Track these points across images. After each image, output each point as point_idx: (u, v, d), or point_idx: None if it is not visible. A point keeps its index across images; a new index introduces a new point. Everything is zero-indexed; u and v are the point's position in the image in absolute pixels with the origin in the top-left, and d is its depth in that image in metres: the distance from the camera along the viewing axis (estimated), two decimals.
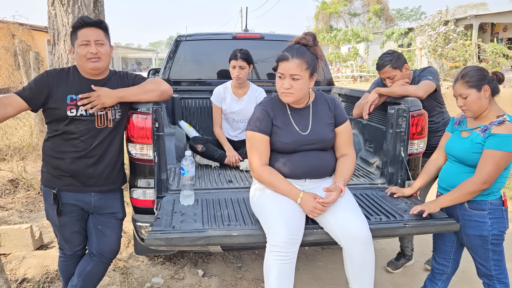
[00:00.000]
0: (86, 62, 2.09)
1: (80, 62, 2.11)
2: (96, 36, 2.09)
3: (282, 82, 2.05)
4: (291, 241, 1.90)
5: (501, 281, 2.12)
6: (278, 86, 2.08)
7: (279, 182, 2.10)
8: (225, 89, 3.47)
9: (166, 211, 2.22)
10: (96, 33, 2.10)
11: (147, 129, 2.28)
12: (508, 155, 1.95)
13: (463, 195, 2.05)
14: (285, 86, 2.04)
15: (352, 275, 2.01)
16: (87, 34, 2.08)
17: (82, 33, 2.09)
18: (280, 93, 2.09)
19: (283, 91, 2.06)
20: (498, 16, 21.01)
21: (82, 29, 2.09)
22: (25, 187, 4.70)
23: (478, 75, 2.03)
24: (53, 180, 2.15)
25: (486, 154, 1.97)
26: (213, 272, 3.06)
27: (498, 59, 17.91)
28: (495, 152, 1.94)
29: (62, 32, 3.73)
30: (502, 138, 1.93)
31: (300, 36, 2.10)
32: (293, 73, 2.01)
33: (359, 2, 37.27)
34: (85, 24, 2.09)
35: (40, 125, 6.14)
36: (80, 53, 2.08)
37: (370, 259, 1.99)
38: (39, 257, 3.15)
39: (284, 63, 2.03)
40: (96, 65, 2.10)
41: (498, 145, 1.94)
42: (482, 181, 1.97)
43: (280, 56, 2.05)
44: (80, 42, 2.08)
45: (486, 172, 1.96)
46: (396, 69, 2.78)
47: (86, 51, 2.07)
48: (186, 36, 4.07)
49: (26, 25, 11.63)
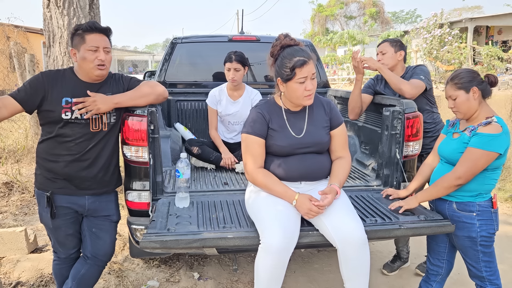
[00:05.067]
0: (94, 68, 2.08)
1: (86, 67, 2.09)
2: (105, 43, 2.10)
3: (305, 85, 2.03)
4: (285, 244, 1.90)
5: (493, 283, 2.12)
6: (299, 91, 2.03)
7: (274, 184, 2.09)
8: (220, 92, 3.47)
9: (161, 214, 2.22)
10: (104, 40, 2.11)
11: (142, 131, 2.27)
12: (488, 155, 1.95)
13: (438, 189, 2.09)
14: (309, 88, 2.03)
15: (347, 276, 2.02)
16: (96, 40, 2.07)
17: (91, 38, 2.07)
18: (303, 97, 2.05)
19: (307, 94, 2.05)
20: (493, 19, 21.16)
21: (92, 34, 2.08)
22: (20, 190, 4.68)
23: (467, 77, 2.05)
24: (47, 182, 2.14)
25: (467, 151, 2.00)
26: (209, 275, 3.05)
27: (493, 62, 18.02)
28: (475, 150, 1.96)
29: (57, 34, 3.72)
30: (485, 137, 1.95)
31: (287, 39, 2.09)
32: (312, 73, 2.04)
33: (355, 5, 37.46)
34: (95, 30, 2.08)
35: (35, 127, 6.11)
36: (88, 58, 2.06)
37: (365, 261, 1.99)
38: (33, 261, 3.14)
39: (305, 67, 2.00)
40: (102, 72, 2.12)
41: (480, 144, 1.95)
42: (457, 176, 2.00)
43: (299, 61, 1.99)
44: (89, 47, 2.06)
45: (462, 168, 1.99)
46: (391, 47, 2.90)
47: (94, 57, 2.07)
48: (182, 38, 4.07)
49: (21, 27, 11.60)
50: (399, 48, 2.90)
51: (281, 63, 2.05)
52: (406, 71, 2.92)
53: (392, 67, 2.89)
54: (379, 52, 2.95)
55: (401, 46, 2.92)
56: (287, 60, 2.03)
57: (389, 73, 2.78)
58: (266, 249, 1.90)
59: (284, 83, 2.07)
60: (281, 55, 2.07)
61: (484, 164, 1.98)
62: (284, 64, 2.03)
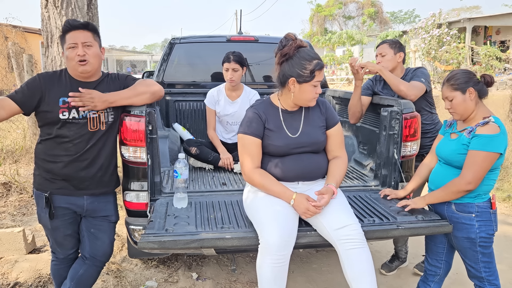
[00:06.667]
0: (76, 65, 2.08)
1: (70, 65, 2.11)
2: (84, 38, 2.08)
3: (316, 89, 2.08)
4: (284, 244, 1.90)
5: (492, 283, 2.13)
6: (311, 94, 2.08)
7: (271, 184, 2.10)
8: (218, 92, 3.47)
9: (160, 214, 2.22)
10: (83, 35, 2.09)
11: (140, 131, 2.27)
12: (491, 155, 1.96)
13: (448, 194, 2.08)
14: (319, 91, 2.10)
15: (352, 277, 1.95)
16: (74, 36, 2.07)
17: (69, 36, 2.08)
18: (312, 98, 2.11)
19: (316, 96, 2.11)
20: (491, 19, 21.21)
21: (70, 32, 2.08)
22: (18, 190, 4.67)
23: (463, 78, 2.06)
24: (45, 183, 2.14)
25: (471, 155, 1.99)
26: (207, 275, 3.05)
27: (491, 62, 18.07)
28: (478, 152, 1.96)
29: (55, 35, 3.72)
30: (485, 138, 1.95)
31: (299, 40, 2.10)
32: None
33: (353, 5, 37.50)
34: (72, 27, 2.08)
35: (33, 127, 6.10)
36: (68, 56, 2.07)
37: (368, 260, 1.95)
38: (31, 261, 3.13)
39: (322, 71, 2.07)
40: (84, 68, 2.09)
41: (482, 145, 1.95)
42: (467, 182, 1.99)
43: (319, 64, 2.03)
44: (68, 45, 2.07)
45: (471, 173, 1.98)
46: (391, 49, 2.89)
47: (74, 53, 2.06)
48: (180, 38, 4.06)
49: (19, 28, 11.57)
50: (398, 50, 2.89)
51: (298, 64, 2.03)
52: (406, 73, 2.91)
53: (391, 70, 2.88)
54: (378, 54, 2.93)
55: (400, 47, 2.91)
56: (307, 62, 2.02)
57: (389, 75, 2.77)
58: (265, 249, 1.91)
59: (298, 84, 2.06)
60: (297, 55, 2.05)
61: (489, 165, 1.98)
62: (303, 65, 2.02)
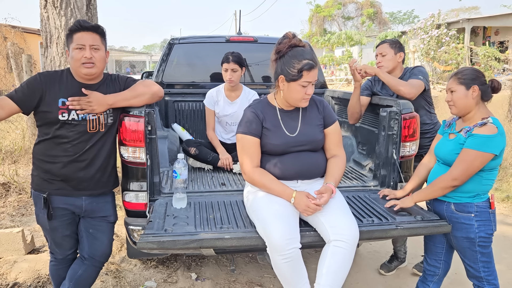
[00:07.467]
0: (80, 67, 2.07)
1: (74, 66, 2.09)
2: (92, 41, 2.07)
3: (306, 89, 2.06)
4: (288, 241, 1.91)
5: (491, 283, 2.13)
6: (300, 94, 2.07)
7: (271, 183, 2.10)
8: (218, 92, 3.47)
9: (159, 214, 2.21)
10: (92, 37, 2.08)
11: (139, 132, 2.27)
12: (484, 156, 1.96)
13: (435, 190, 2.10)
14: (309, 92, 2.08)
15: (325, 271, 1.95)
16: (83, 38, 2.06)
17: (78, 36, 2.06)
18: (301, 99, 2.09)
19: (306, 97, 2.09)
20: (490, 19, 21.23)
21: (79, 33, 2.07)
22: (17, 191, 4.67)
23: (471, 74, 2.06)
24: (44, 184, 2.13)
25: (463, 152, 2.00)
26: (207, 275, 3.05)
27: (490, 62, 18.09)
28: (471, 151, 1.97)
29: (54, 35, 3.72)
30: (481, 138, 1.96)
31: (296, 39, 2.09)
32: (315, 79, 2.08)
33: (352, 6, 37.51)
34: (82, 28, 2.07)
35: (32, 128, 6.09)
36: (74, 56, 2.06)
37: (350, 261, 1.97)
38: (30, 261, 3.13)
39: (312, 72, 2.04)
40: (90, 71, 2.09)
41: (475, 145, 1.96)
42: (453, 177, 2.01)
43: (308, 64, 2.02)
44: (75, 46, 2.06)
45: (458, 169, 1.99)
46: (391, 49, 2.89)
47: (80, 55, 2.05)
48: (179, 39, 4.06)
49: (18, 28, 11.57)
50: (398, 50, 2.89)
51: (288, 62, 2.04)
52: (404, 73, 2.92)
53: (392, 69, 2.88)
54: (379, 53, 2.93)
55: (400, 47, 2.92)
56: (296, 60, 2.03)
57: (387, 76, 2.77)
58: (272, 248, 1.92)
59: (286, 82, 2.07)
60: (289, 54, 2.06)
61: (479, 165, 1.98)
62: (292, 64, 2.03)
